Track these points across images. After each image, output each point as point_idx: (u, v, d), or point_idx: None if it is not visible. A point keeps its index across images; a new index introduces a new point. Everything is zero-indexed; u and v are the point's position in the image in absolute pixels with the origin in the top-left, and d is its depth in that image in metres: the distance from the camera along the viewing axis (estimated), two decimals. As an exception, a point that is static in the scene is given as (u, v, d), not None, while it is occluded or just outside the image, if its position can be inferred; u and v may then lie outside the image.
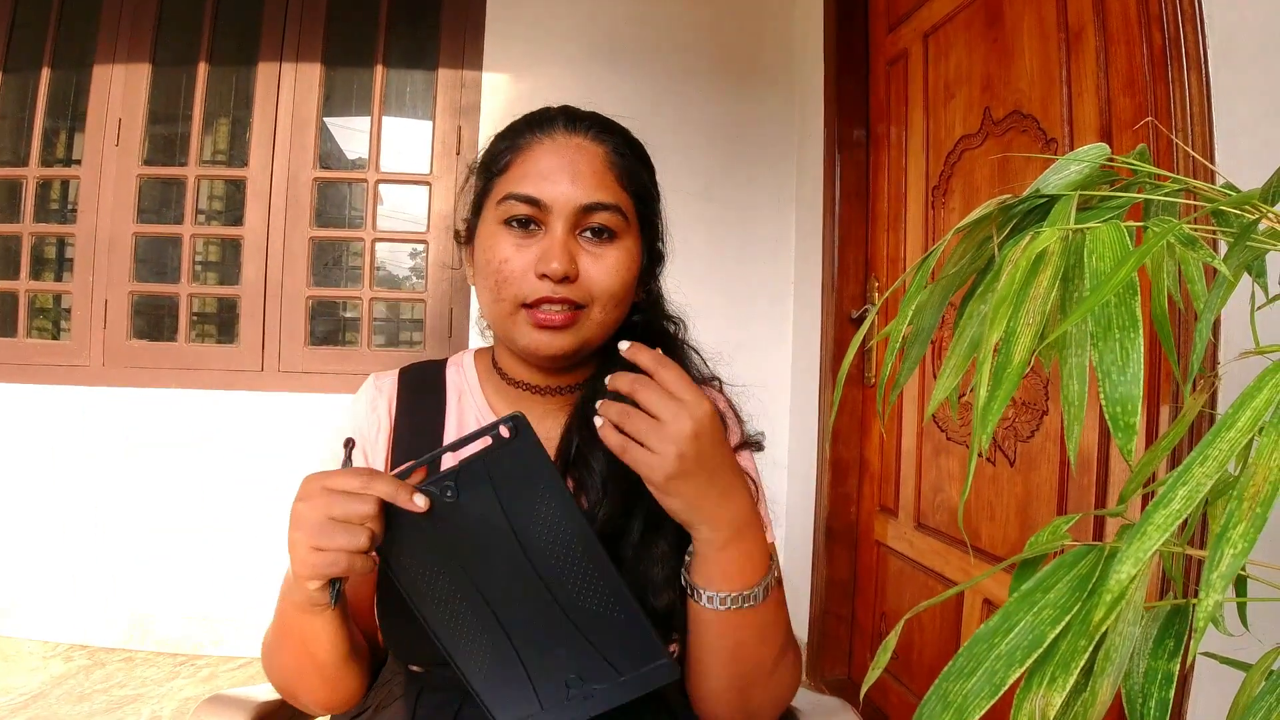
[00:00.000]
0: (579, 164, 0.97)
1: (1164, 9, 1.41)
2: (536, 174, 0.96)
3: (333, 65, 3.26)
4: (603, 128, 1.01)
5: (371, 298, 3.23)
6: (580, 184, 0.96)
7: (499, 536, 0.79)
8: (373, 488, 0.77)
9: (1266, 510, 0.46)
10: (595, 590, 0.81)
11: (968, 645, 0.51)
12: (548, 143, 0.98)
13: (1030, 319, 0.57)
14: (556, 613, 0.81)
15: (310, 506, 0.77)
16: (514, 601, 0.81)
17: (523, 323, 0.96)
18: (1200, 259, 0.62)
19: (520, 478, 0.78)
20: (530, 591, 0.80)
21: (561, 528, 0.80)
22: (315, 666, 0.93)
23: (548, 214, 0.95)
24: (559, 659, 0.83)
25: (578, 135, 0.99)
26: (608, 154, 0.99)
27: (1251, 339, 0.63)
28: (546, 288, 0.94)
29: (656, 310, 1.11)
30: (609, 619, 0.82)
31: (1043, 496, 1.80)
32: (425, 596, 0.82)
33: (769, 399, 3.33)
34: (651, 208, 1.06)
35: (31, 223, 3.19)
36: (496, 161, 1.01)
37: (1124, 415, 0.52)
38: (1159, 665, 0.55)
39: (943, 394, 0.69)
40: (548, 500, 0.79)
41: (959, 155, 2.17)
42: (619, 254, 0.98)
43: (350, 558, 0.77)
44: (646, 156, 1.08)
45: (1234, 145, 1.28)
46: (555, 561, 0.80)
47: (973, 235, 0.70)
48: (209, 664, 2.95)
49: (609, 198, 0.97)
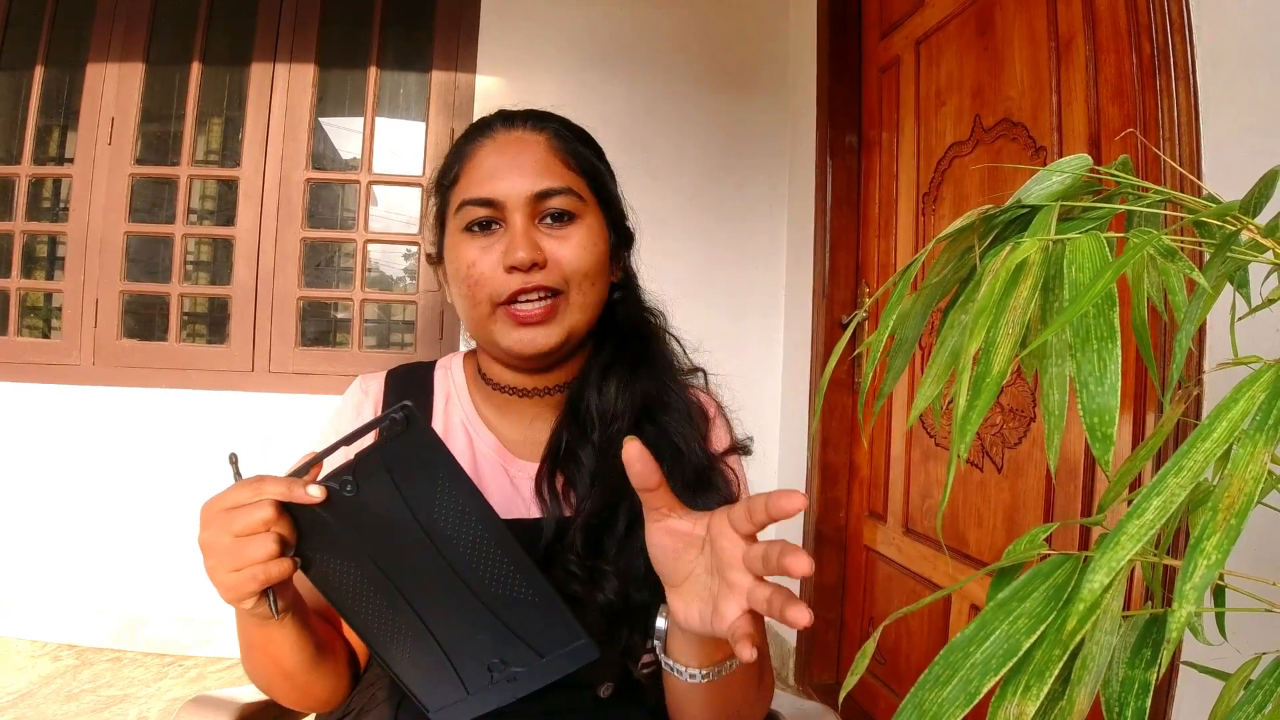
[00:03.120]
0: (522, 155, 0.98)
1: (1153, 19, 1.42)
2: (484, 175, 0.98)
3: (327, 66, 3.26)
4: (539, 118, 1.03)
5: (363, 299, 3.22)
6: (528, 174, 0.97)
7: (404, 528, 0.78)
8: (264, 491, 0.76)
9: (1241, 522, 0.46)
10: (508, 576, 0.80)
11: (944, 653, 0.52)
12: (489, 144, 1.00)
13: (1010, 329, 0.58)
14: (470, 599, 0.81)
15: (213, 532, 0.76)
16: (428, 591, 0.81)
17: (502, 322, 0.97)
18: (1180, 270, 0.62)
19: (418, 467, 0.77)
20: (442, 581, 0.80)
21: (468, 516, 0.78)
22: (283, 674, 0.93)
23: (504, 210, 0.96)
24: (480, 644, 0.83)
25: (516, 129, 1.01)
26: (548, 140, 1.01)
27: (1239, 348, 0.64)
28: (518, 280, 0.95)
29: (634, 290, 1.11)
30: (525, 602, 0.81)
31: (1029, 503, 1.81)
32: (341, 593, 0.81)
33: (760, 403, 3.32)
34: (605, 184, 1.06)
35: (23, 221, 3.18)
36: (447, 175, 1.03)
37: (1102, 426, 0.52)
38: (1136, 674, 0.55)
39: (924, 402, 0.69)
40: (450, 489, 0.78)
41: (949, 162, 2.18)
42: (583, 232, 0.99)
43: (265, 568, 0.76)
44: (589, 137, 1.08)
45: (1221, 155, 1.28)
46: (465, 549, 0.79)
47: (955, 245, 0.70)
48: (197, 665, 2.95)
49: (558, 181, 0.98)
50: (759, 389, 3.21)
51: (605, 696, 0.98)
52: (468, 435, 1.06)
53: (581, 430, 1.01)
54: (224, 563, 0.76)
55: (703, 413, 1.08)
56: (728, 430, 1.12)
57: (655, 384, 1.04)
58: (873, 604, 2.56)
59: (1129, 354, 1.32)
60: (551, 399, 1.07)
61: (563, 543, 0.95)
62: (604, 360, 1.04)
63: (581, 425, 1.01)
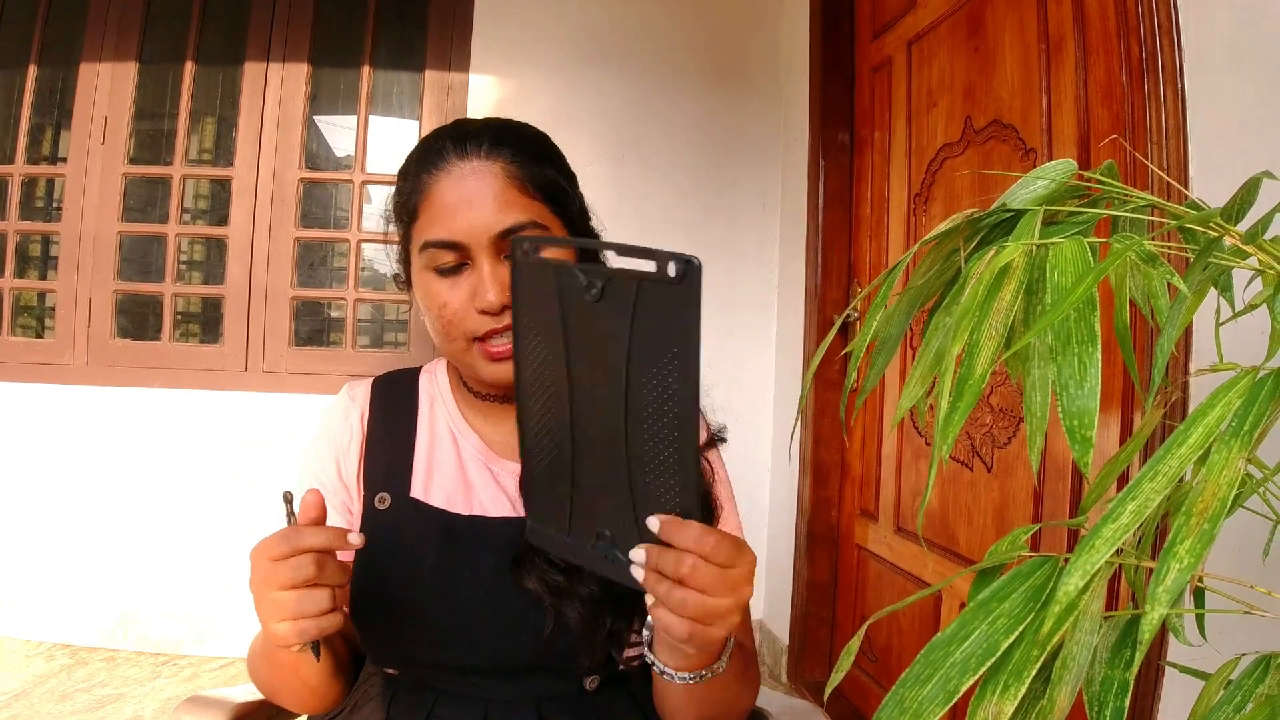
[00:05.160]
0: (481, 191, 0.94)
1: (1141, 22, 1.43)
2: (444, 215, 0.95)
3: (319, 65, 3.25)
4: (493, 139, 0.98)
5: (356, 298, 3.22)
6: (488, 211, 0.94)
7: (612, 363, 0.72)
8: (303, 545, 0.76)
9: (1214, 526, 0.47)
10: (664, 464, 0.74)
11: (924, 652, 0.52)
12: (444, 178, 0.96)
13: (993, 332, 0.58)
14: (621, 461, 0.74)
15: (260, 582, 0.76)
16: (594, 427, 0.75)
17: (478, 357, 0.97)
18: (1161, 276, 0.63)
19: (660, 323, 0.70)
20: (611, 429, 0.74)
21: (672, 391, 0.72)
22: (306, 687, 0.95)
23: (468, 251, 0.94)
24: (602, 508, 0.77)
25: (470, 159, 0.96)
26: (504, 168, 0.96)
27: (1226, 351, 0.65)
28: (490, 321, 0.94)
29: None
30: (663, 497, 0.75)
31: (1019, 502, 1.81)
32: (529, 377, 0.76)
33: (752, 402, 3.33)
34: (567, 202, 1.02)
35: (16, 220, 3.17)
36: (407, 207, 1.01)
37: (1081, 429, 0.53)
38: (1115, 674, 0.56)
39: (909, 403, 0.70)
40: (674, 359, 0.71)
41: (941, 163, 2.19)
42: None
43: (316, 623, 0.76)
44: (548, 148, 1.04)
45: (1208, 156, 1.29)
46: (647, 416, 0.72)
47: (941, 247, 0.71)
48: (191, 664, 2.95)
49: (520, 216, 0.95)
50: (751, 387, 3.22)
51: (592, 689, 1.00)
52: (453, 437, 1.07)
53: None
54: (274, 613, 0.76)
55: None
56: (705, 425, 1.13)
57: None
58: (864, 602, 2.57)
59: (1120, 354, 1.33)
60: None
61: None
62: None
63: None
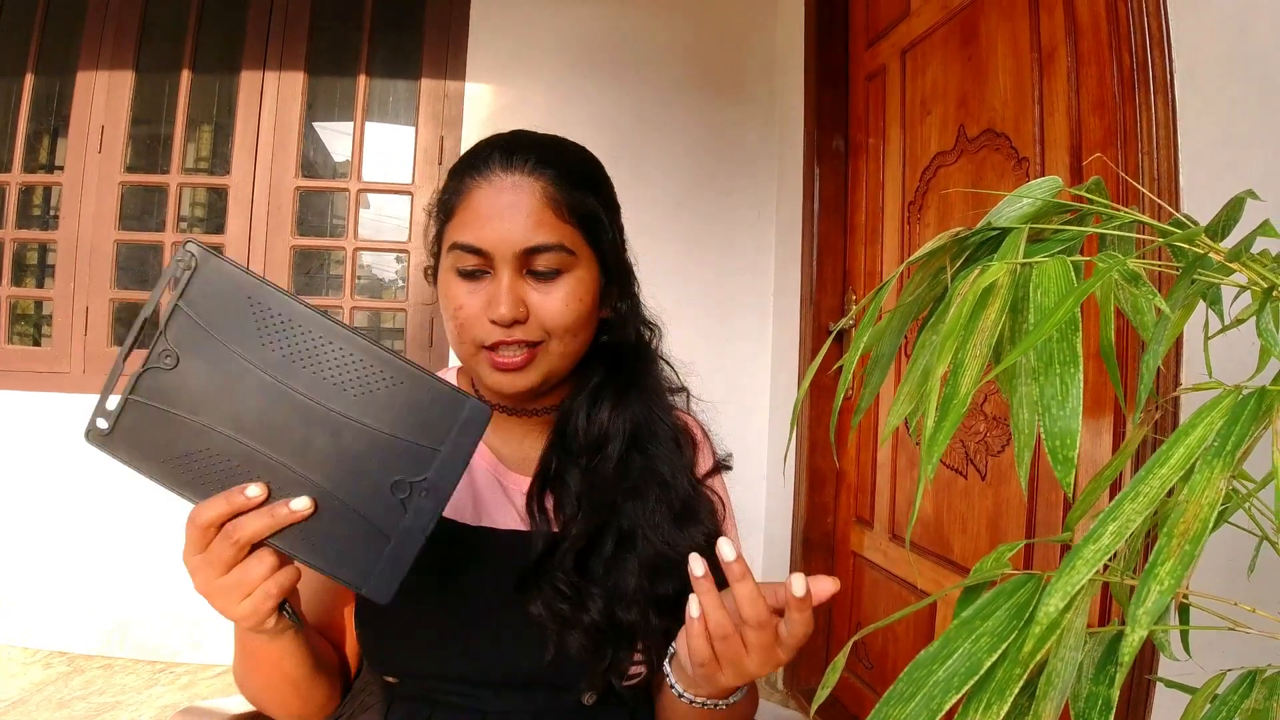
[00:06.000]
0: (516, 206, 0.95)
1: (1133, 32, 1.43)
2: (476, 221, 0.95)
3: (316, 73, 3.26)
4: (540, 158, 0.97)
5: (353, 306, 3.23)
6: (518, 227, 0.94)
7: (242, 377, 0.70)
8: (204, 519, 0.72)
9: (1195, 548, 0.47)
10: (363, 373, 0.72)
11: (908, 670, 0.53)
12: (485, 186, 0.96)
13: (978, 351, 0.58)
14: (338, 420, 0.72)
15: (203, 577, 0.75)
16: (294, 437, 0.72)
17: (484, 363, 0.97)
18: (1143, 295, 0.63)
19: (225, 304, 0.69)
20: (302, 416, 0.72)
21: (294, 327, 0.71)
22: (289, 682, 0.93)
23: (491, 260, 0.95)
24: (370, 471, 0.74)
25: (514, 173, 0.96)
26: (545, 188, 0.96)
27: (1217, 365, 0.65)
28: (499, 332, 0.94)
29: (628, 326, 1.09)
30: (391, 393, 0.73)
31: (1012, 510, 1.82)
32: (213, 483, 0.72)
33: (748, 410, 3.33)
34: (601, 232, 1.02)
35: (13, 229, 3.18)
36: (445, 206, 1.01)
37: (1063, 449, 0.53)
38: (1100, 691, 0.56)
39: (897, 420, 0.70)
40: (265, 310, 0.70)
41: (934, 171, 2.19)
42: (569, 287, 0.97)
43: (275, 580, 0.75)
44: (595, 176, 1.04)
45: (1198, 167, 1.30)
46: (307, 367, 0.71)
47: (929, 264, 0.72)
48: (188, 671, 2.95)
49: (550, 237, 0.95)
50: (747, 394, 3.22)
51: (589, 704, 1.00)
52: None
53: (569, 453, 1.02)
54: (231, 598, 0.75)
55: (690, 437, 1.10)
56: (712, 455, 1.14)
57: (645, 410, 1.05)
58: (860, 609, 2.57)
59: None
60: (543, 417, 1.08)
61: (552, 559, 0.96)
62: (595, 382, 1.05)
63: (569, 448, 1.02)
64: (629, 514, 0.99)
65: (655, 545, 0.98)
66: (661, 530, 0.99)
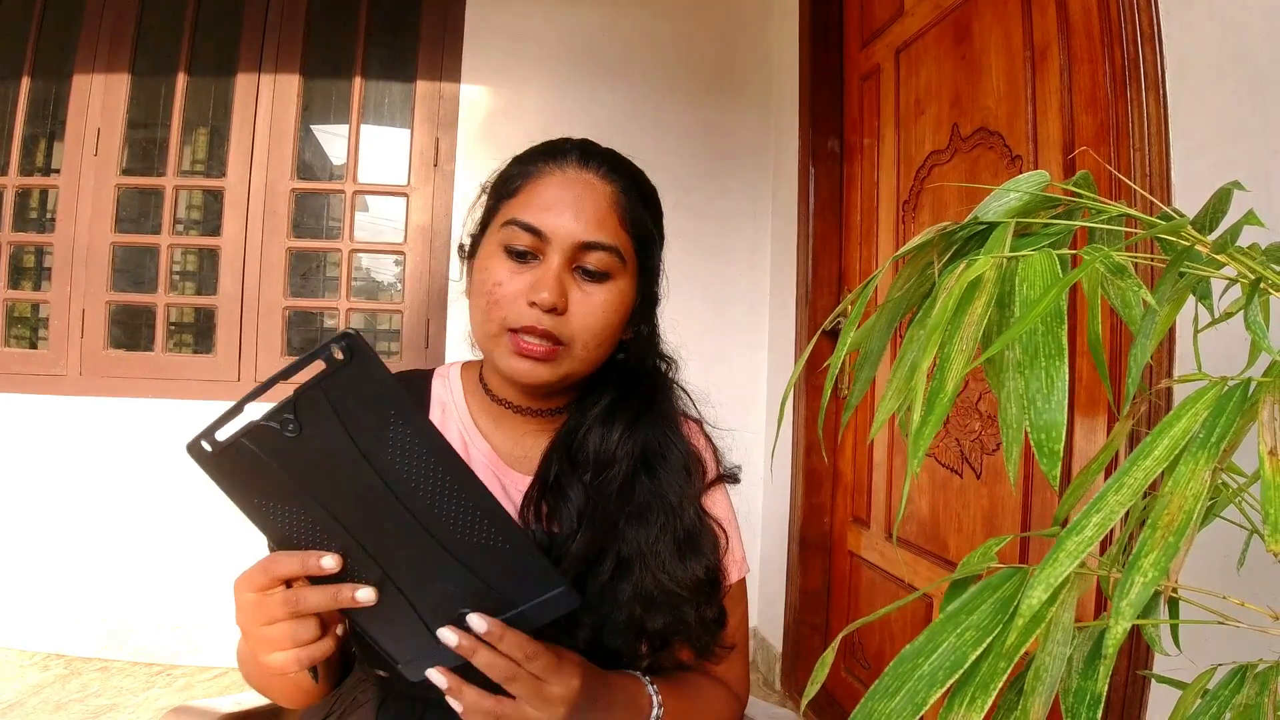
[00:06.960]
0: (584, 200, 0.97)
1: (1125, 29, 1.43)
2: (541, 204, 0.97)
3: (311, 76, 3.27)
4: (614, 167, 1.01)
5: (349, 308, 3.23)
6: (582, 220, 0.96)
7: (356, 470, 0.72)
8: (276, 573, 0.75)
9: (1178, 540, 0.47)
10: (473, 521, 0.75)
11: (893, 665, 0.52)
12: (558, 175, 0.98)
13: (964, 345, 0.58)
14: (433, 546, 0.75)
15: (245, 618, 0.77)
16: (386, 538, 0.75)
17: (505, 346, 0.97)
18: (1130, 288, 0.63)
19: (365, 404, 0.71)
20: (401, 526, 0.74)
21: (424, 457, 0.72)
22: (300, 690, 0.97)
23: (546, 245, 0.96)
24: (446, 594, 0.77)
25: (589, 171, 0.99)
26: (614, 193, 0.99)
27: (1210, 359, 0.65)
28: (533, 316, 0.95)
29: (647, 351, 1.11)
30: (493, 549, 0.76)
31: (1008, 508, 1.82)
32: (294, 542, 0.75)
33: (744, 409, 3.32)
34: (651, 252, 1.05)
35: (10, 232, 3.18)
36: (507, 185, 1.02)
37: (1049, 442, 0.53)
38: (1088, 685, 0.56)
39: (885, 416, 0.70)
40: (402, 428, 0.71)
41: (929, 170, 2.19)
42: (609, 294, 0.99)
43: (309, 650, 0.77)
44: (654, 201, 1.07)
45: (1189, 163, 1.30)
46: (424, 493, 0.73)
47: (917, 260, 0.71)
48: (185, 674, 2.94)
49: (608, 238, 0.97)
50: (743, 395, 3.22)
51: None
52: (463, 443, 1.07)
53: (573, 466, 1.02)
54: (265, 646, 0.76)
55: (701, 466, 1.09)
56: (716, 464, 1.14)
57: (658, 435, 1.05)
58: (857, 609, 2.56)
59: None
60: (550, 420, 1.08)
61: None
62: (608, 401, 1.05)
63: (573, 461, 1.02)
64: (630, 539, 0.99)
65: (653, 575, 0.98)
66: (662, 560, 0.98)
